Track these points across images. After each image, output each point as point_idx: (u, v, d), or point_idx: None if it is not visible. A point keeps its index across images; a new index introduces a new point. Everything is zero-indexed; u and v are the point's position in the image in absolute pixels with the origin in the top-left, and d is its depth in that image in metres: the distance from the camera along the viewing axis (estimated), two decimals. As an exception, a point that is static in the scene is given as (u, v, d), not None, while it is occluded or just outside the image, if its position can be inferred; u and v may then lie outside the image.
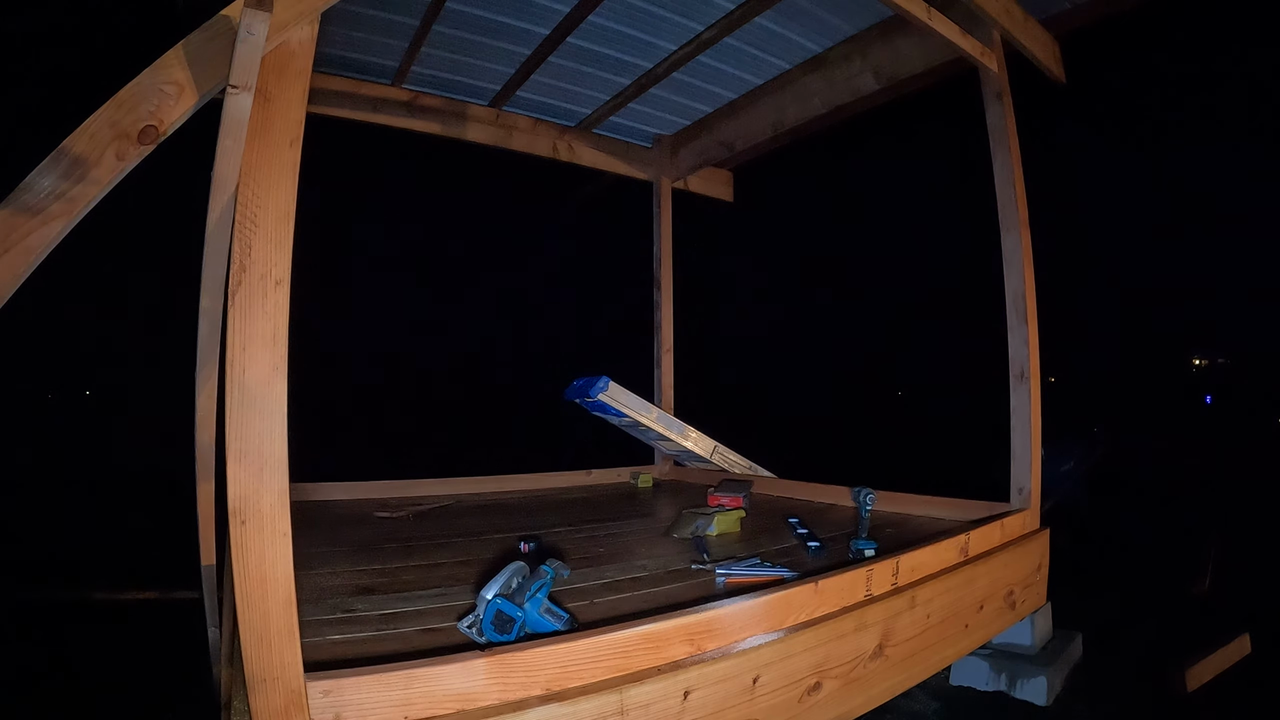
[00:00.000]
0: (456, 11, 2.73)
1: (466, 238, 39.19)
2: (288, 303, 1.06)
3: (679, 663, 1.29)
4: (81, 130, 1.06)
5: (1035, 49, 2.68)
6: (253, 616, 0.99)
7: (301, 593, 1.09)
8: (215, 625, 2.19)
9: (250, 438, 1.01)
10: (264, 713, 0.99)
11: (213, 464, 2.08)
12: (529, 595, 1.34)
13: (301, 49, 1.14)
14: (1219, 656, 2.45)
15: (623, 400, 3.45)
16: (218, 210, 1.52)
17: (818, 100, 3.20)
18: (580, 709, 1.14)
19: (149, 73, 1.10)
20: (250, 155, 1.06)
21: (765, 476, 3.62)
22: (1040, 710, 2.21)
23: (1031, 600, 2.32)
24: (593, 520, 2.77)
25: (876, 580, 1.69)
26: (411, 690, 1.07)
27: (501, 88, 3.38)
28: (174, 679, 2.47)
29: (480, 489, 3.51)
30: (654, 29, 2.91)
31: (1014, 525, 2.30)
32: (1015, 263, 2.49)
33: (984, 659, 2.33)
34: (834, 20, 2.90)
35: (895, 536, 2.32)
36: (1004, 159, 2.51)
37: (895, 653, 1.69)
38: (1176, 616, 3.05)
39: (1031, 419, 2.44)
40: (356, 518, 2.78)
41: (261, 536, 1.01)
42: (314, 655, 1.21)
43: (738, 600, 1.43)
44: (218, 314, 1.75)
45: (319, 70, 3.00)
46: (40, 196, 1.05)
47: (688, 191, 4.28)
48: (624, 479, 3.96)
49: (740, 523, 2.53)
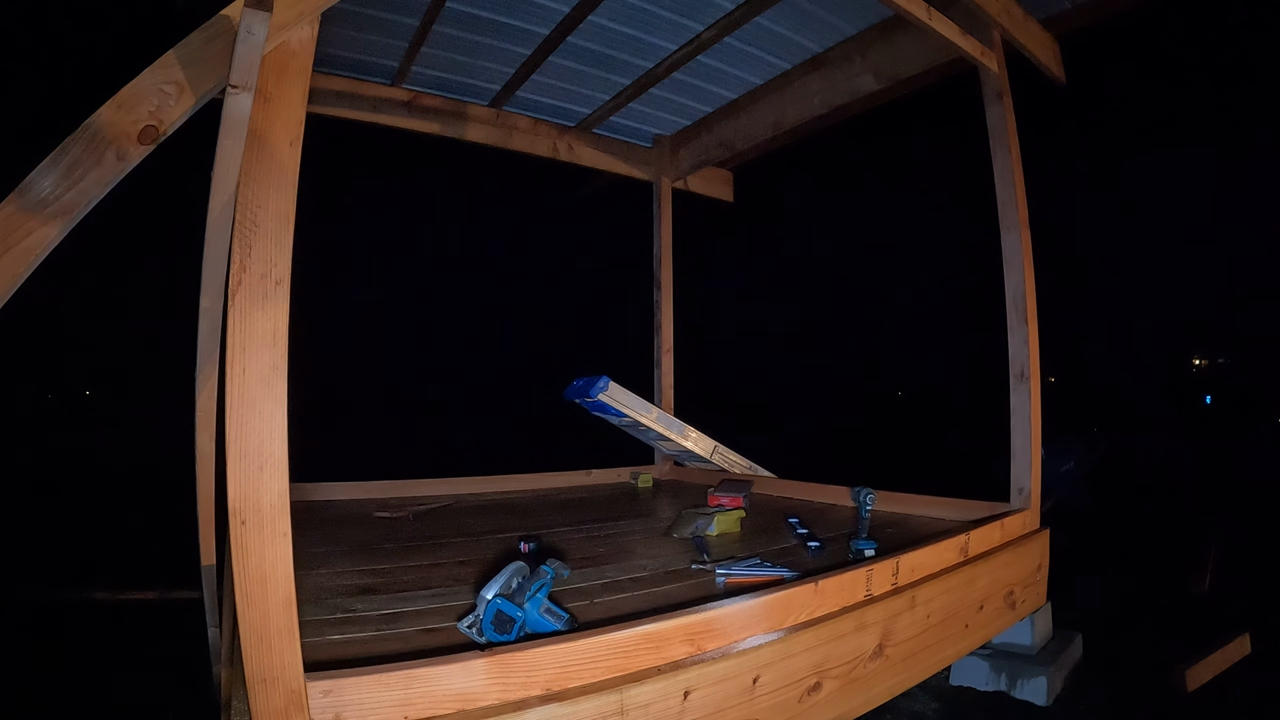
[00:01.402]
0: (456, 11, 2.73)
1: (466, 237, 39.20)
2: (288, 303, 1.06)
3: (679, 663, 1.29)
4: (81, 130, 1.06)
5: (1035, 49, 2.68)
6: (253, 616, 0.99)
7: (301, 593, 1.09)
8: (215, 625, 2.19)
9: (250, 438, 1.01)
10: (264, 713, 0.99)
11: (213, 464, 2.08)
12: (529, 595, 1.34)
13: (301, 49, 1.14)
14: (1219, 656, 2.45)
15: (623, 400, 3.44)
16: (218, 211, 1.52)
17: (818, 100, 3.20)
18: (580, 709, 1.14)
19: (149, 73, 1.10)
20: (250, 155, 1.06)
21: (765, 476, 3.62)
22: (1040, 710, 2.21)
23: (1031, 600, 2.32)
24: (593, 520, 2.77)
25: (876, 580, 1.69)
26: (412, 690, 1.07)
27: (501, 88, 3.38)
28: (174, 679, 2.47)
29: (480, 489, 3.51)
30: (654, 29, 2.91)
31: (1014, 525, 2.30)
32: (1015, 263, 2.49)
33: (984, 659, 2.33)
34: (834, 20, 2.90)
35: (895, 536, 2.31)
36: (1004, 159, 2.51)
37: (895, 653, 1.68)
38: (1176, 616, 3.05)
39: (1031, 419, 2.43)
40: (356, 518, 2.78)
41: (261, 536, 1.01)
42: (314, 655, 1.20)
43: (738, 600, 1.43)
44: (218, 314, 1.75)
45: (319, 70, 3.00)
46: (40, 196, 1.05)
47: (688, 191, 4.28)
48: (624, 479, 3.96)
49: (740, 523, 2.53)
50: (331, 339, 23.28)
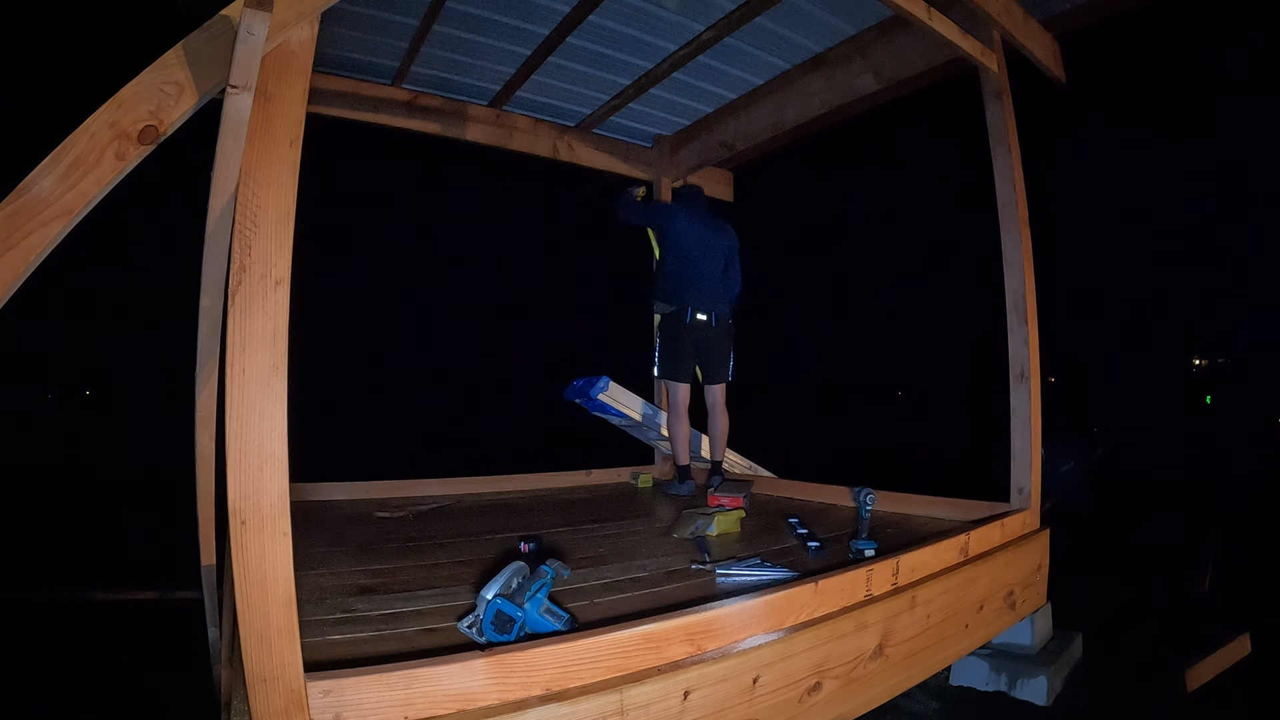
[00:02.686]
0: (456, 11, 2.73)
1: (465, 237, 39.18)
2: (288, 303, 1.06)
3: (679, 663, 1.29)
4: (81, 130, 1.06)
5: (1035, 49, 2.68)
6: (253, 616, 0.99)
7: (301, 593, 1.09)
8: (215, 625, 2.19)
9: (250, 438, 1.01)
10: (264, 713, 0.99)
11: (213, 464, 2.08)
12: (529, 595, 1.34)
13: (301, 49, 1.14)
14: (1219, 656, 2.45)
15: (622, 400, 3.45)
16: (218, 210, 1.52)
17: (818, 100, 3.20)
18: (580, 709, 1.14)
19: (149, 73, 1.10)
20: (250, 155, 1.06)
21: (765, 476, 3.63)
22: (1040, 710, 2.21)
23: (1031, 600, 2.32)
24: (593, 520, 2.77)
25: (876, 580, 1.69)
26: (412, 690, 1.07)
27: (502, 88, 3.38)
28: (174, 679, 2.47)
29: (480, 489, 3.51)
30: (654, 29, 2.91)
31: (1014, 525, 2.30)
32: (1015, 263, 2.49)
33: (984, 659, 2.33)
34: (834, 20, 2.90)
35: (895, 536, 2.31)
36: (1004, 159, 2.51)
37: (895, 653, 1.68)
38: (1176, 616, 3.05)
39: (1031, 419, 2.43)
40: (356, 518, 2.78)
41: (261, 536, 1.01)
42: (314, 655, 1.20)
43: (738, 600, 1.43)
44: (218, 314, 1.75)
45: (319, 70, 3.00)
46: (40, 196, 1.04)
47: (688, 191, 4.27)
48: (624, 479, 3.95)
49: (740, 523, 2.53)
50: (331, 339, 23.27)
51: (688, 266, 3.32)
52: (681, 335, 3.28)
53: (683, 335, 3.27)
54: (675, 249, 3.32)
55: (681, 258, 3.31)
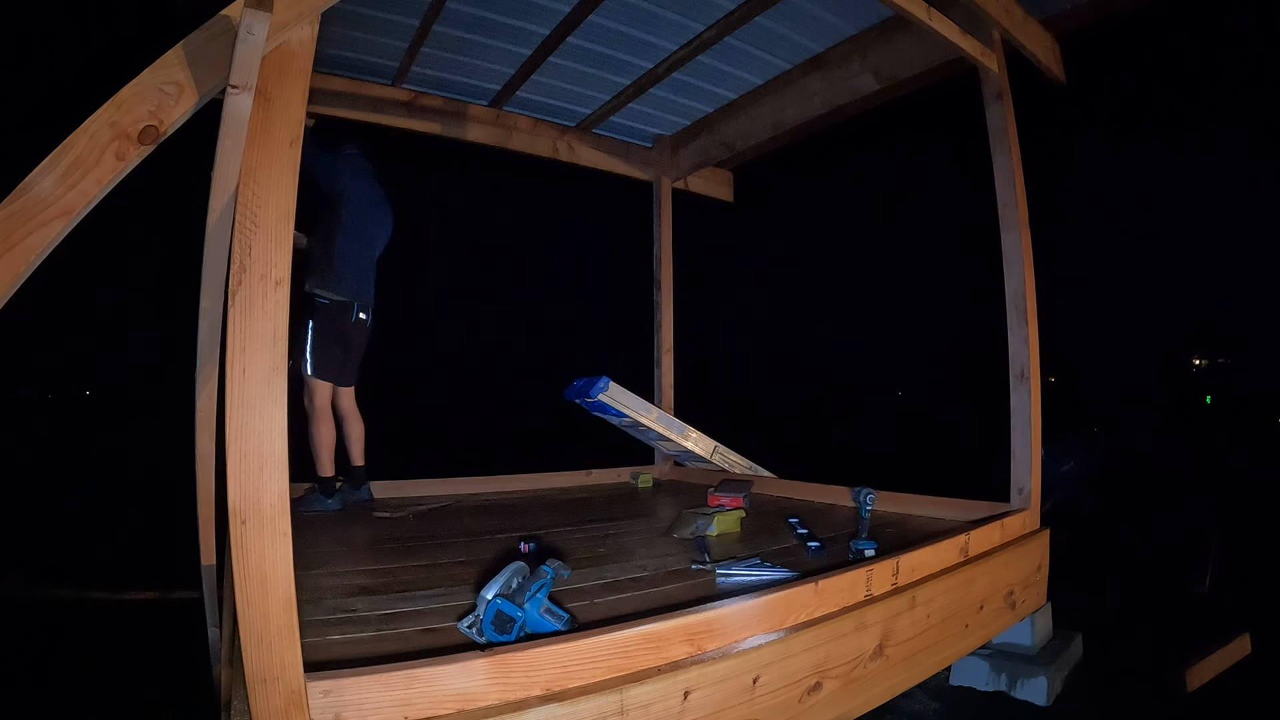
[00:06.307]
0: (456, 11, 2.73)
1: (464, 236, 39.19)
2: (288, 303, 1.06)
3: (679, 663, 1.29)
4: (81, 130, 1.06)
5: (1035, 49, 2.68)
6: (253, 616, 0.99)
7: (301, 593, 1.09)
8: (215, 625, 2.19)
9: (250, 438, 1.01)
10: (264, 713, 0.99)
11: (213, 464, 2.08)
12: (529, 595, 1.34)
13: (301, 49, 1.14)
14: (1219, 656, 2.45)
15: (623, 400, 3.44)
16: (218, 210, 1.52)
17: (818, 100, 3.20)
18: (580, 709, 1.14)
19: (149, 73, 1.10)
20: (250, 155, 1.06)
21: (765, 476, 3.62)
22: (1040, 710, 2.21)
23: (1031, 600, 2.32)
24: (593, 520, 2.77)
25: (876, 580, 1.69)
26: (412, 690, 1.07)
27: (502, 88, 3.38)
28: (174, 679, 2.47)
29: (480, 489, 3.51)
30: (654, 29, 2.91)
31: (1014, 525, 2.30)
32: (1015, 263, 2.50)
33: (984, 659, 2.33)
34: (834, 20, 2.90)
35: (895, 536, 2.32)
36: (1004, 159, 2.51)
37: (895, 653, 1.68)
38: (1176, 616, 3.05)
39: (1031, 419, 2.44)
40: (356, 518, 2.78)
41: (261, 536, 1.01)
42: (314, 655, 1.20)
43: (738, 600, 1.43)
44: (218, 314, 1.75)
45: (319, 70, 3.00)
46: (40, 196, 1.04)
47: (688, 191, 4.28)
48: (624, 479, 3.96)
49: (740, 523, 2.53)
50: (331, 339, 23.15)
51: (365, 252, 2.97)
52: (346, 333, 2.94)
53: (347, 333, 2.95)
54: (353, 226, 2.90)
55: (357, 238, 2.92)
